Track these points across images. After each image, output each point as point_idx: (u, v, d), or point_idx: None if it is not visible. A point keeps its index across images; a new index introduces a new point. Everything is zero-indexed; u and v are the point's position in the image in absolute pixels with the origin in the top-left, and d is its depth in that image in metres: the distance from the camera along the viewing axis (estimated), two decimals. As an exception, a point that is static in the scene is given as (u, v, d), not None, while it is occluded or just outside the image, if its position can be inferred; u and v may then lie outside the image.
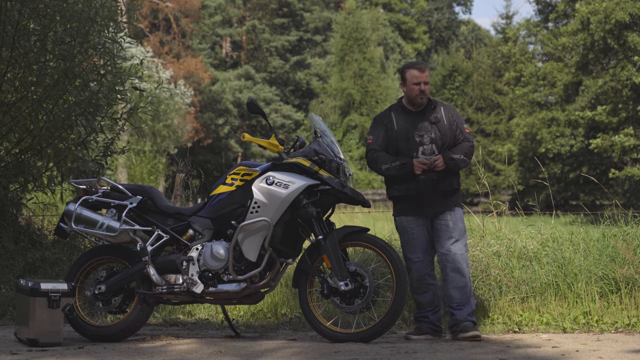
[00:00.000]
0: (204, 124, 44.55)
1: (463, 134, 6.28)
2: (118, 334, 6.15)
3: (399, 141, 6.25)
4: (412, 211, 6.24)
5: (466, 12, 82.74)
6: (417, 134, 6.23)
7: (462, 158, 6.17)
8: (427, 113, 6.28)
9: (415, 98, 6.25)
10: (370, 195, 29.41)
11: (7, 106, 8.37)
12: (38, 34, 8.25)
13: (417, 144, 6.21)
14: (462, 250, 6.19)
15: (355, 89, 41.23)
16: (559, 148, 28.95)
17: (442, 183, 6.19)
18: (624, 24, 26.10)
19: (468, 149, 6.23)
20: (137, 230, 6.17)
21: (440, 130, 6.22)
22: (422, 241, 6.25)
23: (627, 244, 7.21)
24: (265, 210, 5.94)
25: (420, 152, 6.20)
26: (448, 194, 6.23)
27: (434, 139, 6.21)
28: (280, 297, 7.33)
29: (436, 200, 6.20)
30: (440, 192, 6.20)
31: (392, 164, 6.19)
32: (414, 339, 6.17)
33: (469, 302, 6.20)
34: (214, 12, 49.55)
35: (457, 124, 6.28)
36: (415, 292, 6.29)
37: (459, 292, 6.17)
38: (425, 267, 6.23)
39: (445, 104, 6.35)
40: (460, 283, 6.17)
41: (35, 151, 8.57)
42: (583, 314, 6.71)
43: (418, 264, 6.23)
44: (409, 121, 6.26)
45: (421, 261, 6.23)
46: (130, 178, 28.96)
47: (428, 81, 6.25)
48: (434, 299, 6.25)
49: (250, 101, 6.09)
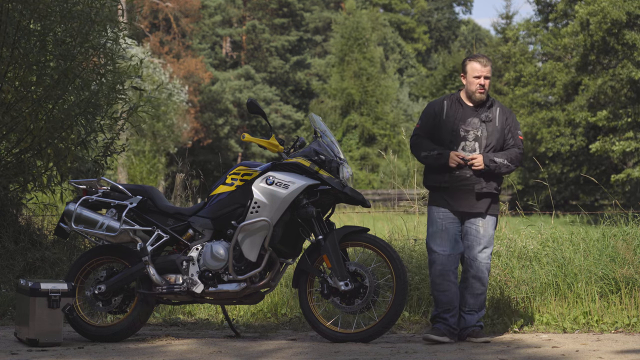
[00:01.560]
0: (204, 124, 44.55)
1: (514, 139, 6.05)
2: (118, 334, 6.15)
3: (444, 131, 6.05)
4: (444, 203, 6.04)
5: (466, 12, 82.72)
6: (464, 129, 6.02)
7: (504, 163, 5.94)
8: (480, 110, 6.07)
9: (474, 93, 6.05)
10: (370, 195, 29.39)
11: (7, 106, 8.37)
12: (38, 34, 8.26)
13: (460, 138, 6.01)
14: (487, 259, 6.04)
15: (355, 88, 41.23)
16: (559, 147, 28.95)
17: (477, 184, 5.97)
18: (622, 23, 26.10)
19: (515, 155, 6.00)
20: (137, 230, 6.17)
21: (487, 130, 6.00)
22: (451, 234, 6.02)
23: (627, 244, 7.21)
24: (265, 210, 5.94)
25: (462, 147, 6.00)
26: (482, 197, 6.00)
27: (478, 137, 6.00)
28: (280, 297, 7.33)
29: (467, 199, 5.99)
30: (473, 192, 5.98)
31: (430, 152, 6.02)
32: (433, 338, 5.90)
33: (481, 309, 6.10)
34: (214, 12, 49.55)
35: (510, 127, 6.05)
36: (436, 289, 6.03)
37: (474, 299, 6.04)
38: (450, 262, 6.00)
39: (503, 106, 6.13)
40: (478, 291, 6.04)
41: (35, 151, 8.58)
42: (583, 314, 6.71)
43: (443, 257, 5.99)
44: (459, 114, 6.05)
45: (447, 255, 5.99)
46: (130, 178, 28.96)
47: (489, 76, 6.06)
48: (454, 299, 6.02)
49: (250, 101, 6.09)
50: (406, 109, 47.54)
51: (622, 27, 26.35)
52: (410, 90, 50.88)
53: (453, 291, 6.02)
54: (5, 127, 8.46)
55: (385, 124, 40.94)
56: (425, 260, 7.41)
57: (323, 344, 5.90)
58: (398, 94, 46.59)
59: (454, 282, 6.03)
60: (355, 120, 40.78)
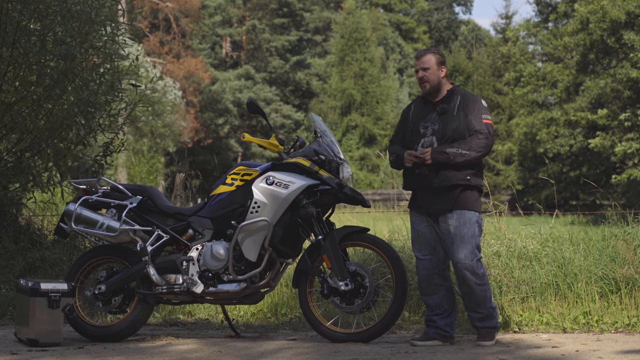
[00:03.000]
0: (204, 124, 44.56)
1: (477, 124, 5.76)
2: (118, 334, 6.15)
3: (407, 133, 5.98)
4: (415, 207, 5.97)
5: (466, 12, 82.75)
6: (423, 125, 5.90)
7: (459, 152, 5.69)
8: (440, 103, 5.92)
9: (420, 86, 6.01)
10: (370, 195, 29.40)
11: (7, 106, 8.37)
12: (38, 34, 8.26)
13: (419, 136, 5.89)
14: (465, 259, 5.74)
15: (355, 89, 41.25)
16: (558, 148, 28.95)
17: (435, 178, 5.77)
18: (621, 23, 26.10)
19: (476, 141, 5.71)
20: (137, 230, 6.17)
21: (442, 122, 5.83)
22: (429, 238, 5.89)
23: (627, 244, 7.21)
24: (265, 210, 5.94)
25: (421, 144, 5.87)
26: (444, 192, 5.78)
27: (435, 130, 5.83)
28: (280, 297, 7.33)
29: (431, 197, 5.82)
30: (433, 188, 5.80)
31: (391, 156, 5.98)
32: (418, 344, 5.85)
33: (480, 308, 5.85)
34: (214, 12, 49.56)
35: (469, 114, 5.79)
36: (423, 293, 5.99)
37: (467, 299, 5.89)
38: (432, 265, 5.90)
39: (467, 94, 5.91)
40: (465, 289, 5.85)
41: (35, 151, 8.58)
42: (583, 314, 6.71)
43: (424, 262, 5.91)
44: (421, 112, 5.96)
45: (428, 259, 5.91)
46: (130, 178, 28.96)
47: (427, 67, 5.91)
48: (444, 301, 5.91)
49: (250, 101, 6.09)
50: (406, 109, 47.45)
51: (621, 27, 26.35)
52: (410, 90, 50.90)
53: (441, 293, 5.92)
54: (5, 127, 8.46)
55: (385, 124, 40.95)
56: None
57: (323, 344, 5.90)
58: (398, 94, 46.60)
59: (442, 284, 5.93)
60: (356, 121, 40.79)
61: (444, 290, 5.94)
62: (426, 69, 5.94)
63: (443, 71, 5.98)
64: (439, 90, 5.97)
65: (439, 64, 5.96)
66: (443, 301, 5.93)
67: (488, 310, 5.89)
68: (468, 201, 5.80)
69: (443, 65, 5.98)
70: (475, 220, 5.81)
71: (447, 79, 6.01)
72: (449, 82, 6.03)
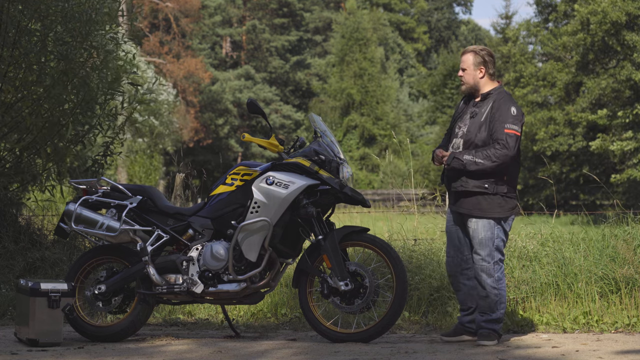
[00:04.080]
0: (204, 124, 44.55)
1: (498, 133, 5.73)
2: (118, 334, 6.15)
3: (450, 130, 6.07)
4: (449, 205, 6.07)
5: (466, 12, 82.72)
6: (458, 125, 5.95)
7: (473, 160, 5.71)
8: (474, 106, 5.94)
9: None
10: (370, 195, 29.41)
11: (7, 106, 8.37)
12: (39, 35, 8.26)
13: (453, 136, 5.96)
14: (481, 261, 5.82)
15: (355, 89, 41.24)
16: (557, 146, 28.94)
17: (455, 182, 5.86)
18: (621, 24, 26.10)
19: (494, 151, 5.69)
20: (137, 230, 6.16)
21: (469, 126, 5.85)
22: (453, 237, 5.99)
23: (627, 244, 7.21)
24: (265, 210, 5.94)
25: (452, 144, 5.94)
26: (462, 196, 5.85)
27: (465, 133, 5.88)
28: (280, 297, 7.33)
29: (453, 198, 5.95)
30: (456, 192, 5.89)
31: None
32: (445, 339, 5.99)
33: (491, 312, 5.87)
34: (214, 12, 49.56)
35: (495, 122, 5.76)
36: (452, 288, 6.28)
37: (482, 301, 5.92)
38: (455, 263, 5.99)
39: (502, 98, 5.84)
40: (482, 293, 5.89)
41: (35, 150, 8.58)
42: (583, 314, 6.71)
43: (448, 260, 6.04)
44: (464, 111, 5.98)
45: (451, 257, 6.01)
46: (130, 178, 28.97)
47: (465, 67, 5.93)
48: (467, 299, 5.98)
49: (250, 101, 6.09)
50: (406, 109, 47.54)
51: (622, 28, 26.35)
52: (410, 90, 50.89)
53: (464, 291, 6.00)
54: (6, 127, 8.46)
55: (385, 124, 40.96)
56: (425, 260, 7.43)
57: (323, 344, 5.90)
58: (398, 94, 46.60)
59: (464, 283, 6.00)
60: (356, 121, 40.79)
61: (466, 288, 6.00)
62: (464, 70, 5.98)
63: (482, 71, 5.93)
64: (477, 90, 5.97)
65: (478, 64, 5.93)
66: (466, 298, 6.00)
67: (497, 315, 5.91)
68: (485, 208, 5.81)
69: (482, 65, 5.93)
70: (494, 225, 5.83)
71: (490, 78, 5.96)
72: (492, 82, 5.97)
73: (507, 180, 5.83)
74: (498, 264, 5.85)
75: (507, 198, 5.84)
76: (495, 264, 5.84)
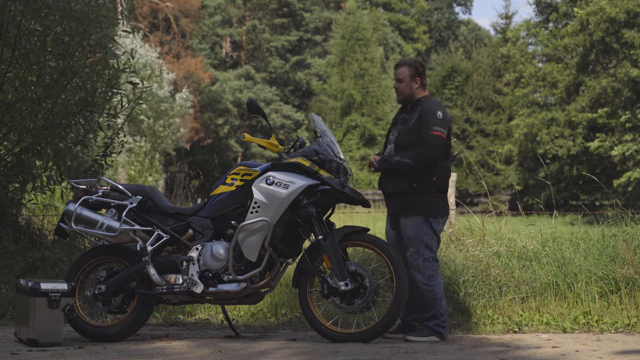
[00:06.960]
0: (204, 124, 44.54)
1: (424, 135, 6.02)
2: (118, 334, 6.15)
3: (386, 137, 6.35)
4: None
5: (466, 12, 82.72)
6: (392, 132, 6.27)
7: (401, 161, 6.02)
8: (404, 113, 6.26)
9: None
10: (370, 195, 29.39)
11: (7, 106, 8.37)
12: (39, 35, 8.26)
13: (388, 142, 6.27)
14: (410, 258, 6.06)
15: (355, 89, 41.24)
16: (557, 149, 28.95)
17: (388, 184, 6.19)
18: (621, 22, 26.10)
19: (420, 151, 5.99)
20: (137, 230, 6.16)
21: (398, 131, 6.18)
22: (391, 239, 6.24)
23: (627, 244, 7.22)
24: (265, 210, 5.94)
25: (387, 150, 6.24)
26: (395, 196, 6.16)
27: (396, 137, 6.20)
28: (280, 297, 7.33)
29: (389, 201, 6.24)
30: (389, 193, 6.22)
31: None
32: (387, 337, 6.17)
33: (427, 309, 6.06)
34: (214, 12, 49.55)
35: (422, 125, 6.05)
36: None
37: (418, 297, 6.09)
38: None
39: (429, 105, 6.14)
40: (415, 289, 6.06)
41: (35, 151, 8.57)
42: (583, 314, 6.71)
43: None
44: (397, 119, 6.30)
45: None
46: (130, 178, 28.96)
47: (400, 78, 6.21)
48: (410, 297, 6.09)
49: (250, 101, 6.09)
50: (406, 109, 47.39)
51: (621, 26, 26.34)
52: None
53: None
54: (6, 127, 8.46)
55: (385, 125, 40.95)
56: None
57: (323, 344, 5.90)
58: (398, 94, 46.49)
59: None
60: (356, 121, 40.78)
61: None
62: (400, 81, 6.25)
63: (417, 82, 6.26)
64: (411, 100, 6.25)
65: (413, 76, 6.23)
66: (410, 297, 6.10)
67: (432, 312, 6.07)
68: (413, 206, 6.07)
69: (417, 76, 6.24)
70: (421, 223, 6.07)
71: (423, 88, 6.26)
72: (424, 91, 6.26)
73: (435, 182, 6.10)
74: (429, 261, 6.07)
75: (436, 198, 6.10)
76: (425, 261, 6.05)
